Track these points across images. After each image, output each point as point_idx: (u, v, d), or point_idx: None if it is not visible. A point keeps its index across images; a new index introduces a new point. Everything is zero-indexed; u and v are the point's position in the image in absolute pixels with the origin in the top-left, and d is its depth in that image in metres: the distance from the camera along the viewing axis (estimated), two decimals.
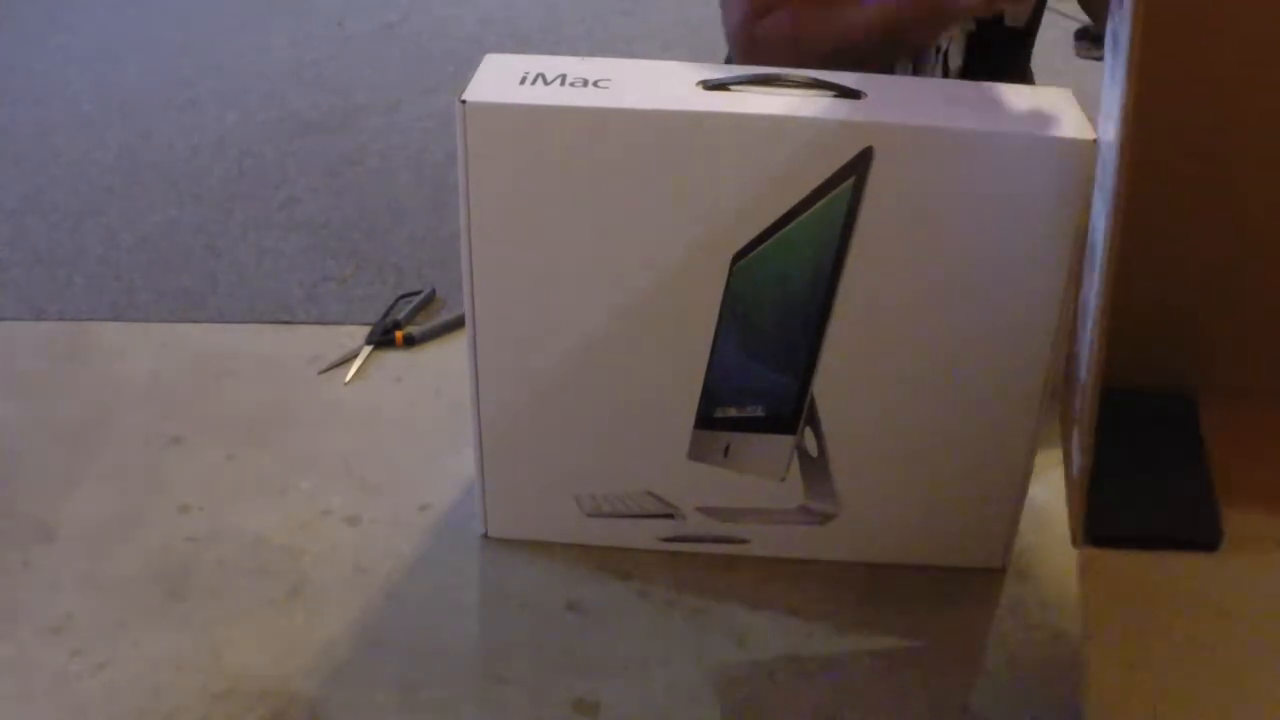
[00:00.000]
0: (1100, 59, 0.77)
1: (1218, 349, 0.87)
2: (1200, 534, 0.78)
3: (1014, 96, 0.88)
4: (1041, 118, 0.84)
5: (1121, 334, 0.73)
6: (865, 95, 0.86)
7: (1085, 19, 2.08)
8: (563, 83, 0.87)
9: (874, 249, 0.86)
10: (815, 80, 0.88)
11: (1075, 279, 0.84)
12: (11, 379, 1.24)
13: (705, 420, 0.95)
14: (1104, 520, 0.76)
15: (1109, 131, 0.74)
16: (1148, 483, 0.80)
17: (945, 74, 1.19)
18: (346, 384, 1.24)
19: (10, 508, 1.07)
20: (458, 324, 1.33)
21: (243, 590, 0.98)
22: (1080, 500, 0.77)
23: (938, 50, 1.18)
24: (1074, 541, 0.78)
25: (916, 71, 1.21)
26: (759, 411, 0.93)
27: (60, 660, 0.91)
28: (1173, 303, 0.85)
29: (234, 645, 0.93)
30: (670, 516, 0.99)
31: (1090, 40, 3.55)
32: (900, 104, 0.86)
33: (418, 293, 1.38)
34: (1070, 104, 0.86)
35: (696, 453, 0.96)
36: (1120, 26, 0.68)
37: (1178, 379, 0.87)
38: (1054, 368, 0.88)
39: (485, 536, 1.03)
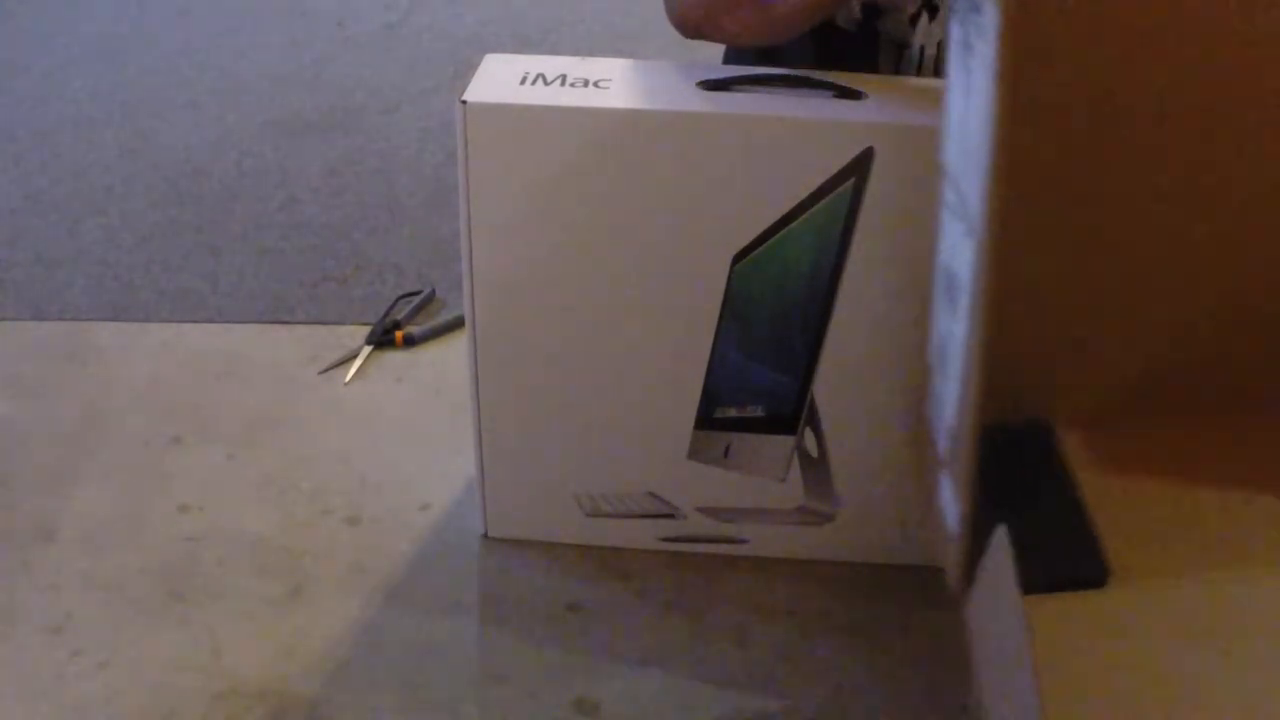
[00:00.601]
0: None
1: (1071, 374, 0.83)
2: (1085, 570, 0.74)
3: None
4: None
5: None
6: (865, 95, 0.86)
7: None
8: (563, 83, 0.87)
9: (874, 249, 0.86)
10: (815, 80, 0.88)
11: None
12: (11, 379, 1.24)
13: (705, 420, 0.95)
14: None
15: (956, 152, 0.70)
16: (1021, 521, 0.76)
17: (936, 74, 1.19)
18: (346, 384, 1.24)
19: (10, 508, 1.07)
20: (458, 324, 1.32)
21: (243, 590, 0.98)
22: (963, 550, 0.72)
23: (921, 51, 1.17)
24: (956, 598, 0.73)
25: (899, 73, 1.21)
26: (759, 412, 0.93)
27: (60, 660, 0.91)
28: (1022, 330, 0.82)
29: (234, 645, 0.93)
30: (670, 516, 0.99)
31: None
32: (900, 104, 0.86)
33: (418, 293, 1.38)
34: None
35: (697, 453, 0.96)
36: (977, 37, 0.63)
37: (1031, 409, 0.83)
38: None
39: (485, 537, 1.03)
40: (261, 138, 1.79)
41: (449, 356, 1.28)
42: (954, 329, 0.74)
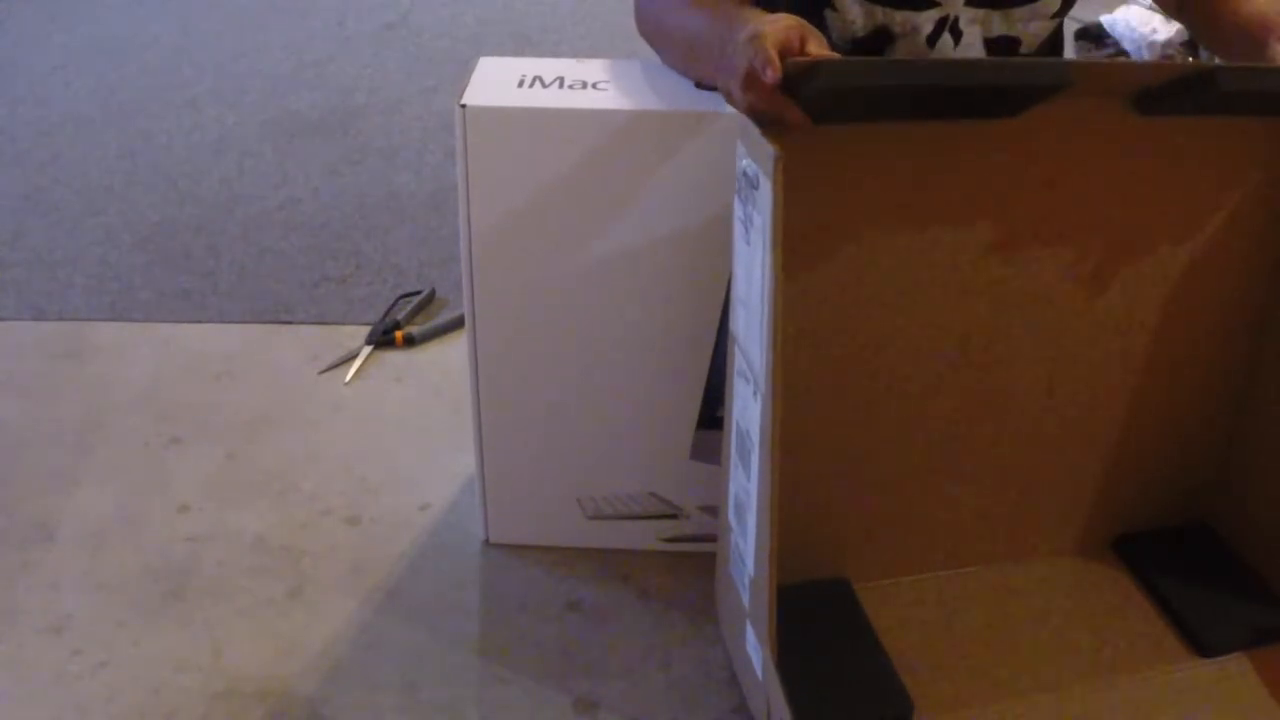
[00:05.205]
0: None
1: (862, 534, 0.91)
2: (893, 709, 0.81)
3: None
4: None
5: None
6: None
7: (1085, 19, 2.08)
8: (560, 85, 0.87)
9: None
10: None
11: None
12: (11, 379, 1.24)
13: (707, 420, 0.95)
14: (808, 716, 0.76)
15: (742, 320, 0.75)
16: (834, 670, 0.83)
17: None
18: (347, 384, 1.24)
19: (10, 508, 1.07)
20: (458, 324, 1.33)
21: (243, 590, 0.98)
22: (770, 691, 0.78)
23: None
24: None
25: None
26: None
27: (60, 660, 0.91)
28: (812, 492, 0.87)
29: (234, 645, 0.93)
30: (672, 516, 0.99)
31: (1091, 40, 3.54)
32: None
33: (418, 293, 1.38)
34: None
35: (699, 453, 0.96)
36: (755, 210, 0.69)
37: (829, 569, 0.91)
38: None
39: (486, 543, 1.03)
40: (261, 138, 1.79)
41: (449, 356, 1.28)
42: (749, 488, 0.78)
